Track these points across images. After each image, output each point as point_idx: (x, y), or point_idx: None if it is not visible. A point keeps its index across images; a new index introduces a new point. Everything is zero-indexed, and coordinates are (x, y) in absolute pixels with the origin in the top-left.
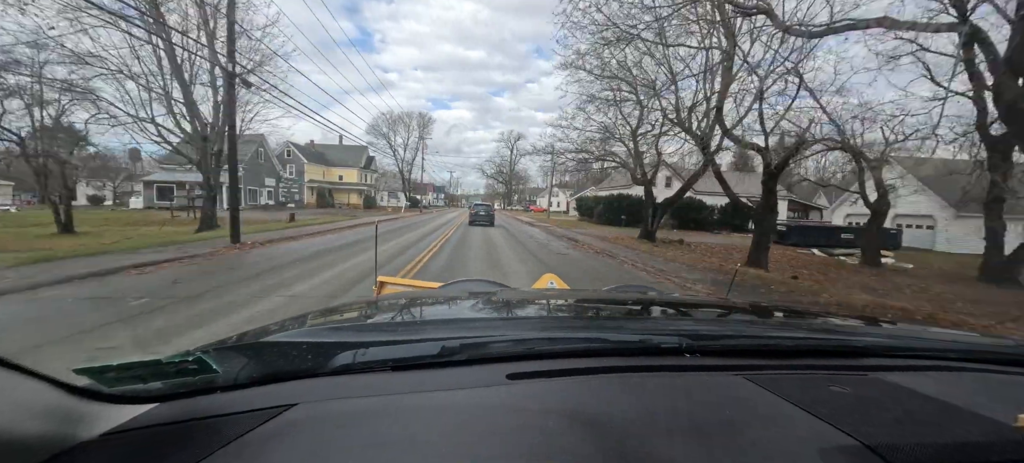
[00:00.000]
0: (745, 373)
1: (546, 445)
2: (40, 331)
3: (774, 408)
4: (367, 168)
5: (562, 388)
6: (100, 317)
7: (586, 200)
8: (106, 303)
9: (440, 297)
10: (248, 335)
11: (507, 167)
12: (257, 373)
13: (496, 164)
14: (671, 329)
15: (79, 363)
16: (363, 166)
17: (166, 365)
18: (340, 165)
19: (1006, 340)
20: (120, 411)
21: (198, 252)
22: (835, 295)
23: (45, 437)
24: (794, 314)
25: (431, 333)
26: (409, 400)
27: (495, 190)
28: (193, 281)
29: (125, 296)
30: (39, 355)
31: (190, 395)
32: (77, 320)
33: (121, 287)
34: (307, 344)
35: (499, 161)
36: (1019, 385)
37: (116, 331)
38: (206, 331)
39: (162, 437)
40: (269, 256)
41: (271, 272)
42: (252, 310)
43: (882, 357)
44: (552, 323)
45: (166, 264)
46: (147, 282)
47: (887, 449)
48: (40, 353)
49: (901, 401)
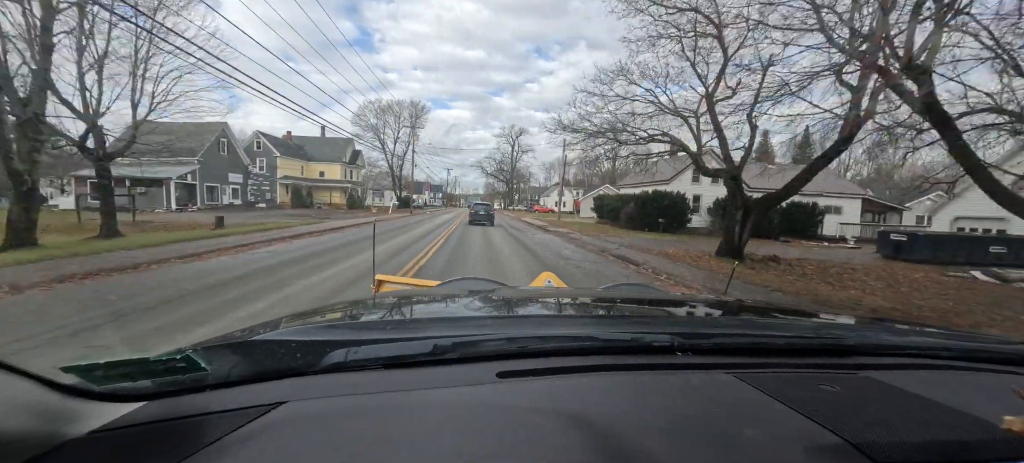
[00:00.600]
0: (736, 372)
1: (535, 443)
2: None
3: (764, 407)
4: (352, 163)
5: (553, 386)
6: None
7: (608, 199)
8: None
9: (435, 295)
10: (237, 334)
11: (508, 164)
12: (246, 371)
13: (497, 161)
14: (663, 327)
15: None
16: (348, 161)
17: (154, 363)
18: (321, 160)
19: (994, 339)
20: (108, 409)
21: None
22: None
23: (31, 435)
24: (786, 312)
25: (423, 331)
26: (399, 398)
27: (495, 189)
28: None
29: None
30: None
31: (178, 393)
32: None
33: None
34: (297, 343)
35: (500, 158)
36: (1007, 384)
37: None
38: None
39: (150, 435)
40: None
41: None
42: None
43: (872, 356)
44: (544, 321)
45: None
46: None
47: (873, 448)
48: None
49: (890, 400)
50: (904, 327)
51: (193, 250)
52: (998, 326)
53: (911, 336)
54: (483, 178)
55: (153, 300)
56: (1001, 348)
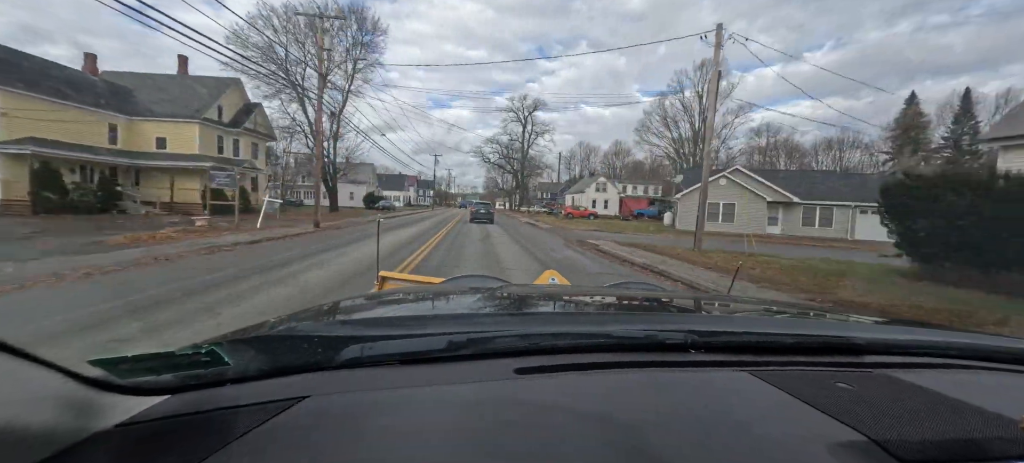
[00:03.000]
0: (750, 369)
1: (553, 439)
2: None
3: (780, 403)
4: (232, 125)
5: (568, 383)
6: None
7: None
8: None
9: (445, 292)
10: (258, 328)
11: (517, 150)
12: (268, 366)
13: (503, 146)
14: (676, 324)
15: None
16: (220, 121)
17: (179, 357)
18: (163, 116)
19: (1011, 339)
20: (133, 403)
21: None
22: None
23: (59, 428)
24: (798, 310)
25: (438, 327)
26: (418, 393)
27: (498, 186)
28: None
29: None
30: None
31: (202, 387)
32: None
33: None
34: (317, 337)
35: (507, 141)
36: (1022, 384)
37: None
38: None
39: (175, 429)
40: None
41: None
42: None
43: (887, 355)
44: (557, 318)
45: None
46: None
47: (895, 444)
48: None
49: (907, 398)
50: (915, 326)
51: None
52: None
53: (922, 335)
54: (484, 169)
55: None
56: (1014, 347)
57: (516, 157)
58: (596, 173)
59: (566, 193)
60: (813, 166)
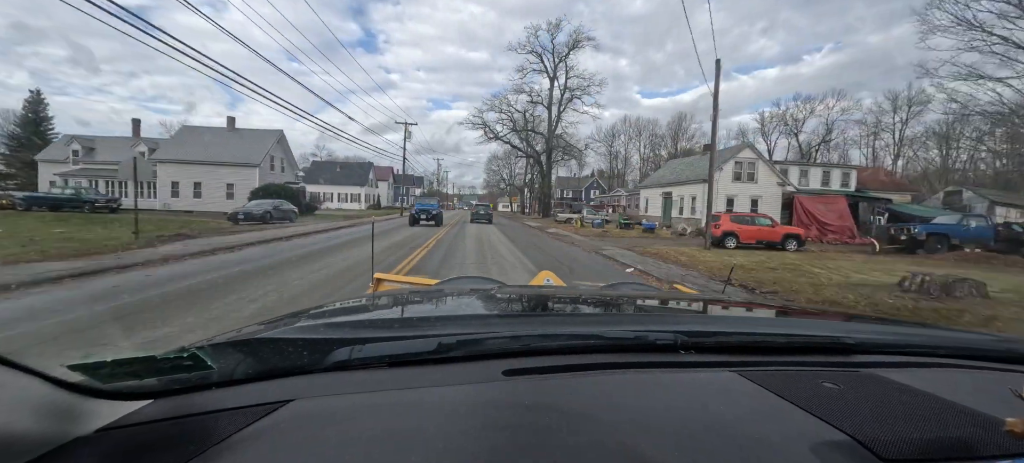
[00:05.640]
0: (738, 369)
1: (544, 441)
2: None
3: (769, 404)
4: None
5: (558, 384)
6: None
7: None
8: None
9: (436, 294)
10: (243, 332)
11: (540, 122)
12: (253, 369)
13: (515, 111)
14: (666, 325)
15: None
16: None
17: (161, 361)
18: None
19: (997, 337)
20: (115, 407)
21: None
22: None
23: (38, 434)
24: (787, 311)
25: (427, 329)
26: (405, 396)
27: (503, 180)
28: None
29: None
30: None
31: (185, 391)
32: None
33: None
34: (303, 341)
35: (524, 105)
36: (1006, 383)
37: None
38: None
39: (157, 433)
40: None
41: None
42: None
43: (874, 354)
44: (548, 320)
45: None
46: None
47: (878, 443)
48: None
49: (892, 397)
50: (904, 325)
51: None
52: None
53: (911, 334)
54: (484, 169)
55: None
56: (1000, 346)
57: (538, 130)
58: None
59: (641, 188)
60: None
